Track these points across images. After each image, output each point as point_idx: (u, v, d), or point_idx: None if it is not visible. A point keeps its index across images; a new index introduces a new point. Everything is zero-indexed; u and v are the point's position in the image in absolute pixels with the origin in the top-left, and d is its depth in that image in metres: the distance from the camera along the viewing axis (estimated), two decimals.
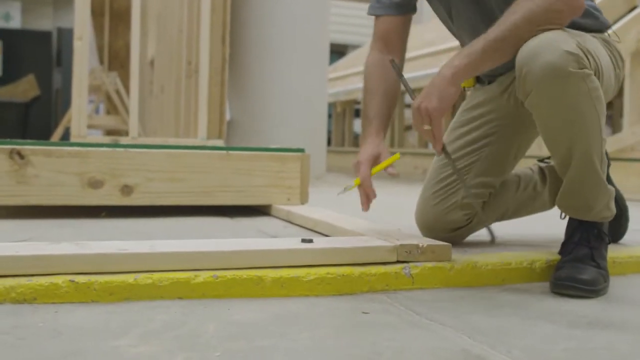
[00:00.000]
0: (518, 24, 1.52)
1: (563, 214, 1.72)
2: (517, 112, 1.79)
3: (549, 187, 1.98)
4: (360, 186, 1.68)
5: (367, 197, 1.69)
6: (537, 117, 1.58)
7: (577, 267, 1.53)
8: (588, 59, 1.51)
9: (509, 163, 1.89)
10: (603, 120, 1.56)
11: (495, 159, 1.85)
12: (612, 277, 1.73)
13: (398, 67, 1.72)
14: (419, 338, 1.17)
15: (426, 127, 1.54)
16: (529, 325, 1.26)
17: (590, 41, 1.60)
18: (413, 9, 1.84)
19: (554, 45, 1.47)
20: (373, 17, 1.87)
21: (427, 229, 1.88)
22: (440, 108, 1.52)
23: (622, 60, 1.80)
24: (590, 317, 1.33)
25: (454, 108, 1.81)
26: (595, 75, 1.52)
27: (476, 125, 1.87)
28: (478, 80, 1.90)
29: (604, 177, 1.61)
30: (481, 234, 2.06)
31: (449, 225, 1.85)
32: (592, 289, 1.49)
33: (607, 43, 1.74)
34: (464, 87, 1.77)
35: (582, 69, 1.48)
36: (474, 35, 1.61)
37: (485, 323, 1.27)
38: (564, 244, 1.66)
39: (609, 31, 1.80)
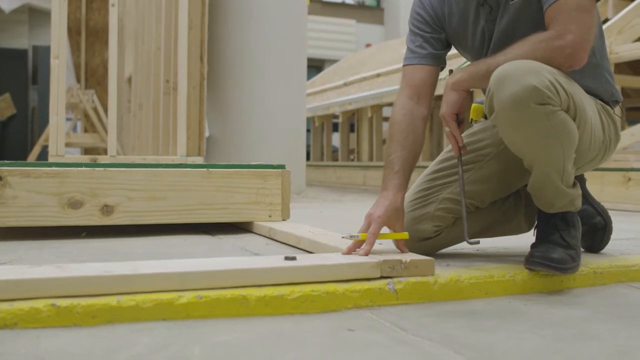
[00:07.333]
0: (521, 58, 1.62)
1: (534, 230, 1.85)
2: (504, 146, 1.81)
3: (525, 210, 2.00)
4: (364, 241, 1.68)
5: (365, 252, 1.65)
6: (500, 133, 1.69)
7: (549, 247, 1.70)
8: (559, 96, 1.57)
9: (488, 190, 1.92)
10: (569, 149, 1.64)
11: (473, 183, 1.89)
12: (594, 287, 1.75)
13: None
14: (406, 355, 1.17)
15: (446, 129, 1.80)
16: (515, 339, 1.27)
17: (573, 85, 1.65)
18: (444, 63, 1.93)
19: (523, 76, 1.55)
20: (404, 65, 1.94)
21: None
22: (447, 111, 1.78)
23: (617, 136, 1.87)
24: (575, 330, 1.34)
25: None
26: (566, 111, 1.60)
27: (466, 151, 1.91)
28: (486, 117, 1.92)
29: (565, 187, 1.70)
30: (463, 246, 2.07)
31: (418, 235, 1.88)
32: (560, 267, 1.66)
33: (605, 111, 1.83)
34: (472, 120, 1.87)
35: (544, 104, 1.55)
36: None
37: (471, 338, 1.27)
38: (537, 227, 1.82)
39: (615, 108, 1.89)
